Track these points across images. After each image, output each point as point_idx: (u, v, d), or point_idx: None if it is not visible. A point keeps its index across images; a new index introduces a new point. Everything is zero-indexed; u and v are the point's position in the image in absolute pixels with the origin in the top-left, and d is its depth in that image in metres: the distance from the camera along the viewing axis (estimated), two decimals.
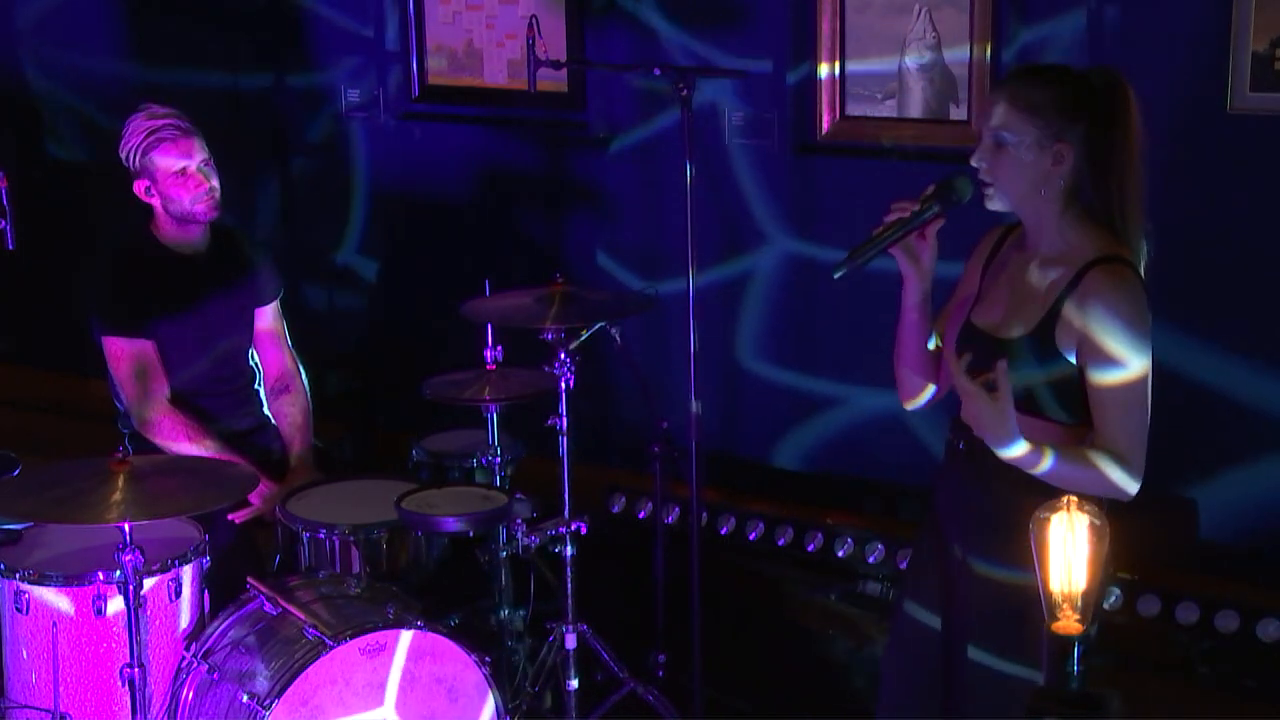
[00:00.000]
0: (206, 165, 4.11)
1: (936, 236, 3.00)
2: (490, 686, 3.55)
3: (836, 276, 2.93)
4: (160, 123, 4.10)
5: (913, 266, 2.99)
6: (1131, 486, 2.90)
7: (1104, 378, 2.83)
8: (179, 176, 4.08)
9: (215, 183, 4.13)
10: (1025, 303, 2.92)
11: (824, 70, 4.70)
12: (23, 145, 6.33)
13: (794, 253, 4.92)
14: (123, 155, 4.12)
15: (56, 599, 3.51)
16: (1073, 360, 2.86)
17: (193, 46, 6.00)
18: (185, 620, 3.62)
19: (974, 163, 2.92)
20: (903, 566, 4.64)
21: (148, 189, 4.12)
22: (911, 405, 3.20)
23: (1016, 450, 2.79)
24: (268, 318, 4.39)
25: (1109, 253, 2.86)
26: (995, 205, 2.93)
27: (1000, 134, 2.87)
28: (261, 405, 4.41)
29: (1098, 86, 2.87)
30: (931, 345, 3.13)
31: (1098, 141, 2.86)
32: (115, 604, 3.45)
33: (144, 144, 4.08)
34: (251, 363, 4.39)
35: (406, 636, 3.45)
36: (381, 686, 3.44)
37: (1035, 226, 2.95)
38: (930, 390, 3.18)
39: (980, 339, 2.97)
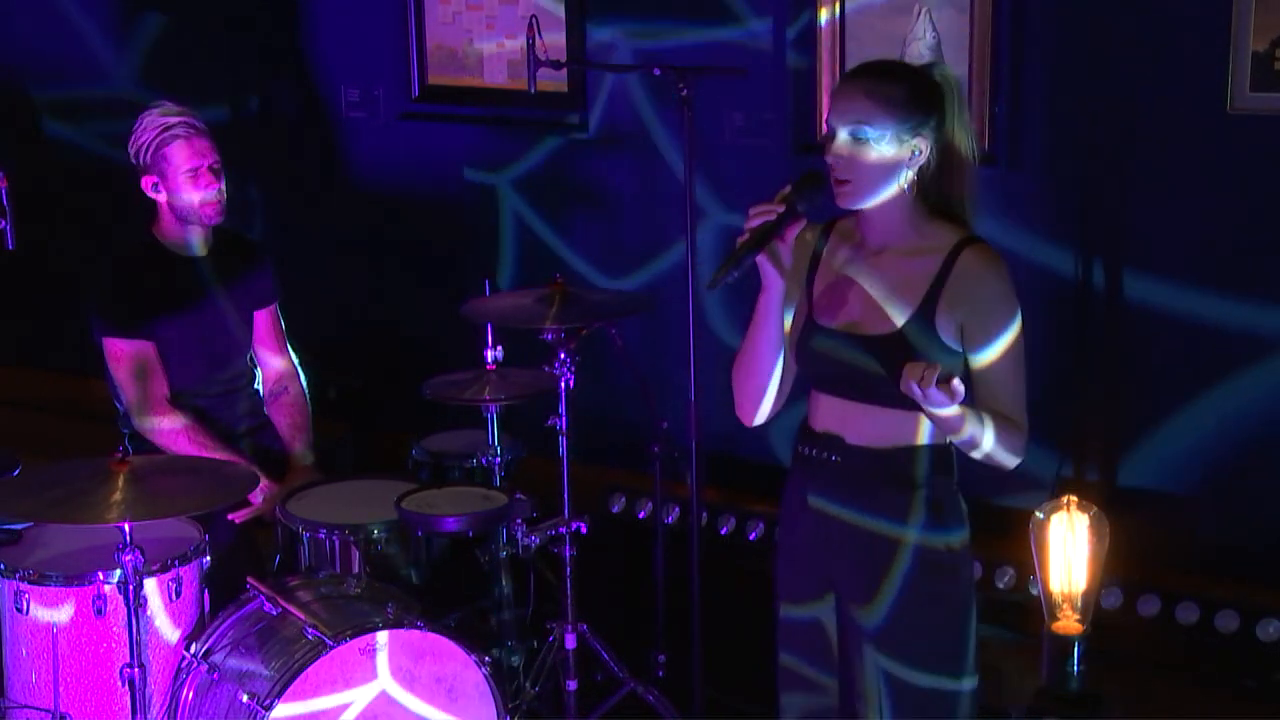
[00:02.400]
0: (216, 168, 4.11)
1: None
2: (490, 686, 3.55)
3: (710, 289, 2.88)
4: (175, 120, 4.10)
5: (776, 271, 2.87)
6: (1020, 455, 2.88)
7: (994, 353, 2.82)
8: (190, 175, 4.08)
9: (223, 186, 4.13)
10: (890, 298, 2.87)
11: (824, 70, 4.70)
12: (23, 145, 6.33)
13: None
14: (132, 151, 4.12)
15: (56, 599, 3.51)
16: (951, 346, 2.84)
17: (193, 46, 6.00)
18: (185, 620, 3.62)
19: (828, 159, 2.85)
20: None
21: (155, 185, 4.11)
22: (758, 420, 3.05)
23: (966, 429, 2.76)
24: (267, 320, 4.38)
25: (970, 235, 2.87)
26: (850, 203, 2.86)
27: (859, 129, 2.81)
28: (261, 405, 4.41)
29: (940, 83, 2.87)
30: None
31: (944, 136, 2.86)
32: (115, 604, 3.45)
33: (157, 140, 4.07)
34: (251, 363, 4.39)
35: (406, 636, 3.45)
36: (381, 686, 3.44)
37: (886, 222, 2.89)
38: (772, 405, 3.04)
39: (842, 340, 2.89)
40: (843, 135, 2.83)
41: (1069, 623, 3.32)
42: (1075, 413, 4.59)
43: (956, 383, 2.63)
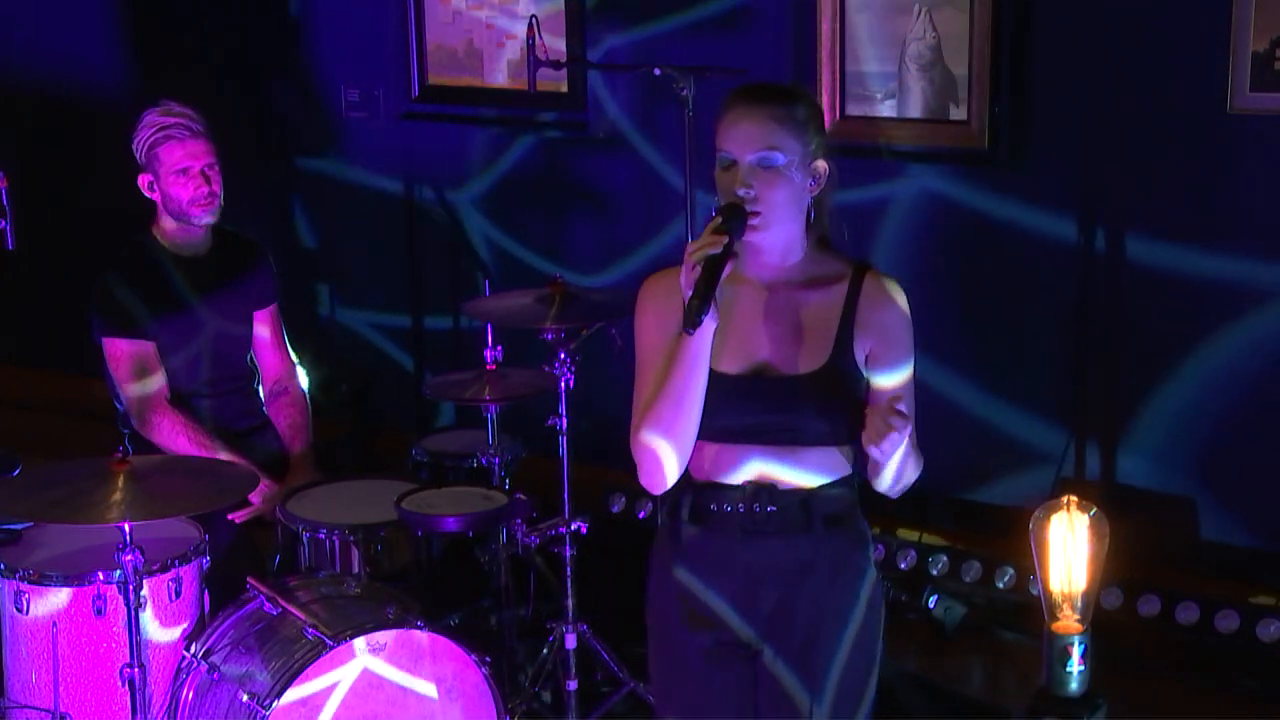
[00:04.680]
0: (211, 169, 4.11)
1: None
2: (490, 686, 3.54)
3: (690, 332, 2.58)
4: (172, 120, 4.10)
5: (715, 309, 2.62)
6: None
7: (902, 375, 2.72)
8: (181, 175, 4.08)
9: (217, 188, 4.13)
10: (802, 334, 2.71)
11: (824, 70, 4.70)
12: (24, 145, 6.33)
13: None
14: (133, 148, 4.14)
15: (56, 599, 3.50)
16: (863, 373, 2.72)
17: (193, 46, 6.00)
18: (185, 620, 3.62)
19: (739, 191, 2.63)
20: (903, 567, 4.65)
21: (150, 184, 4.12)
22: (667, 485, 2.74)
23: (899, 458, 2.64)
24: (267, 321, 4.38)
25: (860, 262, 2.76)
26: (763, 235, 2.66)
27: (771, 155, 2.63)
28: (261, 405, 4.41)
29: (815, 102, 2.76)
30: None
31: (824, 156, 2.72)
32: (115, 604, 3.45)
33: (152, 139, 4.09)
34: (250, 363, 4.39)
35: (406, 636, 3.45)
36: (381, 686, 3.44)
37: (784, 250, 2.72)
38: (680, 466, 2.74)
39: (752, 386, 2.71)
40: (749, 162, 2.64)
41: (1069, 623, 3.33)
42: (1075, 413, 4.59)
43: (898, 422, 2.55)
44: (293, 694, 3.32)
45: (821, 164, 2.69)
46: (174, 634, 3.59)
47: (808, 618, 2.78)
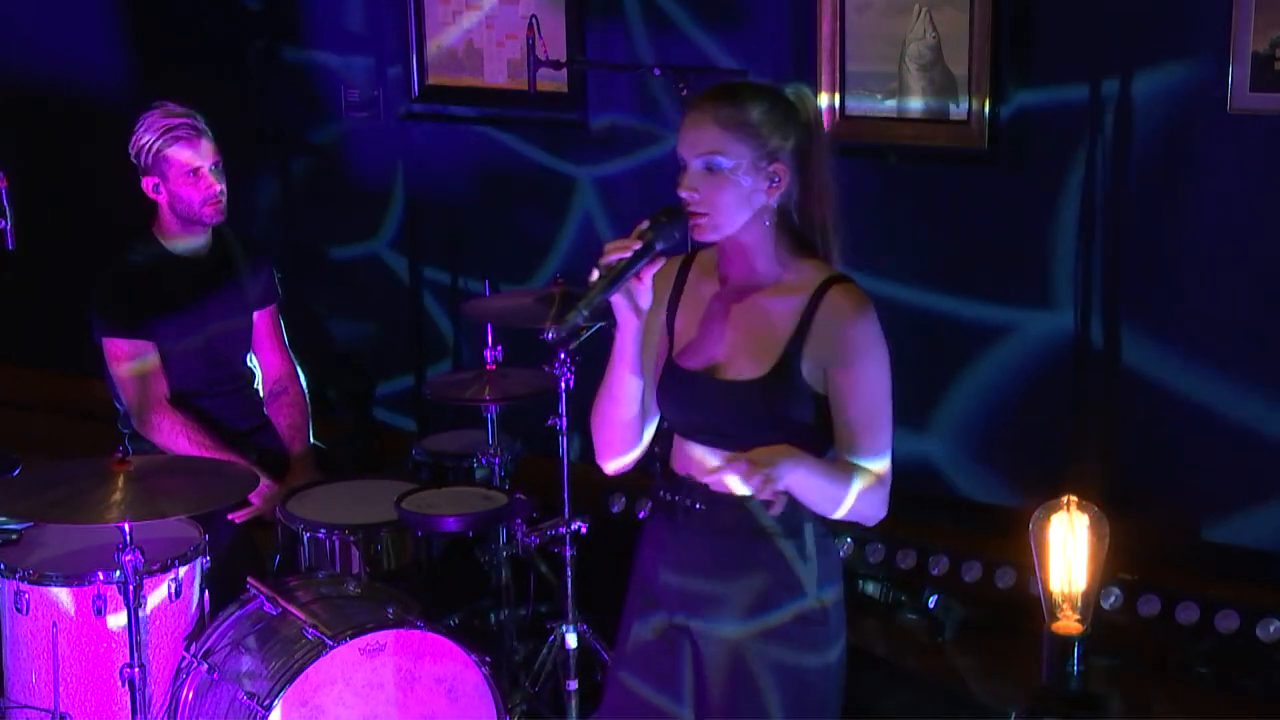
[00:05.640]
0: (217, 168, 4.11)
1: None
2: (490, 686, 3.54)
3: (552, 339, 2.61)
4: (176, 121, 4.10)
5: (631, 312, 2.64)
6: (883, 510, 2.69)
7: (858, 401, 2.64)
8: (191, 176, 4.08)
9: (224, 187, 4.13)
10: (754, 340, 2.70)
11: (824, 70, 4.70)
12: (24, 145, 6.33)
13: None
14: (133, 151, 4.12)
15: (56, 599, 3.50)
16: (815, 391, 2.66)
17: (193, 46, 6.00)
18: (185, 620, 3.62)
19: (682, 193, 2.65)
20: (903, 567, 4.65)
21: (156, 186, 4.11)
22: (616, 467, 2.82)
23: (815, 497, 2.60)
24: (266, 321, 4.38)
25: (836, 274, 2.69)
26: (710, 237, 2.66)
27: (714, 159, 2.62)
28: (261, 405, 4.41)
29: (796, 103, 2.68)
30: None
31: (803, 161, 2.67)
32: (115, 604, 3.45)
33: (158, 141, 4.07)
34: (250, 363, 4.39)
35: (406, 636, 3.45)
36: (381, 686, 3.44)
37: (748, 256, 2.71)
38: (635, 452, 2.81)
39: (703, 384, 2.72)
40: (696, 166, 2.64)
41: (1069, 623, 3.33)
42: (1075, 413, 4.59)
43: (780, 499, 2.51)
44: (292, 694, 3.33)
45: (779, 167, 2.65)
46: (174, 634, 3.59)
47: (728, 622, 2.76)
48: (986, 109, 4.47)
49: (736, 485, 2.63)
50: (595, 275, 2.61)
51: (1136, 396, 4.49)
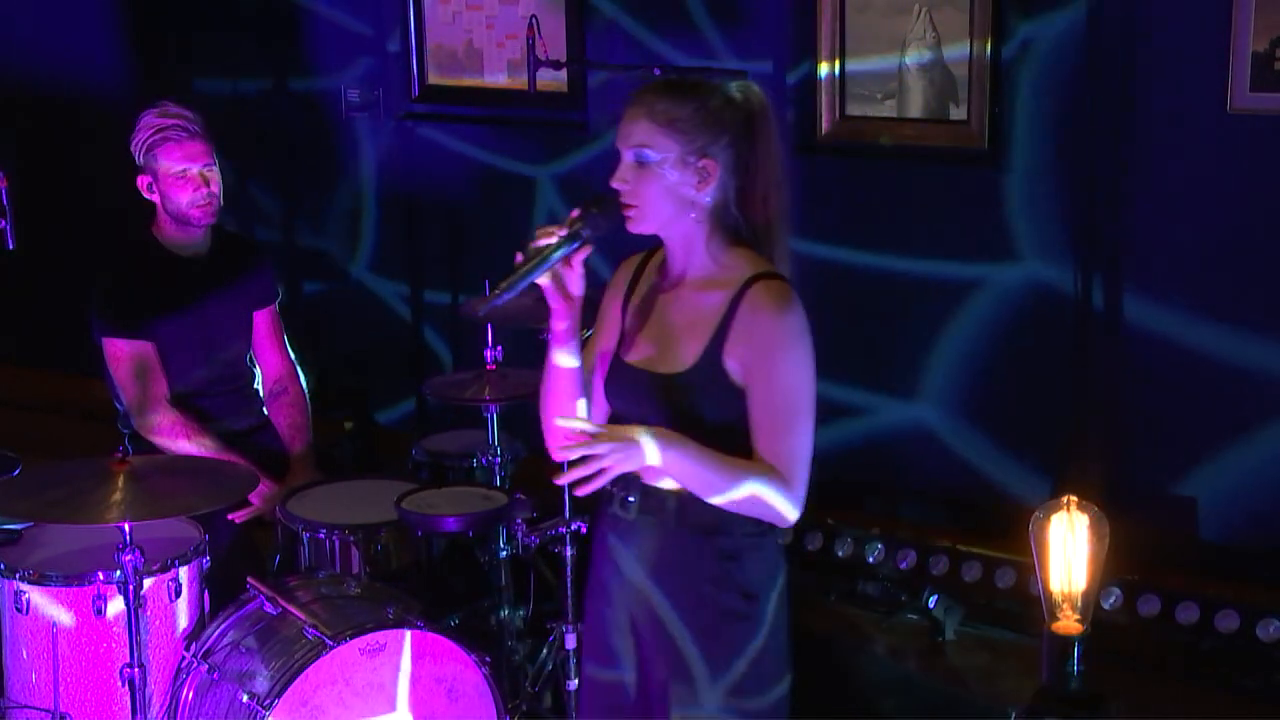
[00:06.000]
0: (209, 170, 4.11)
1: (584, 265, 2.74)
2: (490, 686, 3.55)
3: (481, 314, 2.75)
4: (170, 121, 4.10)
5: (561, 299, 2.72)
6: (791, 512, 2.70)
7: (769, 399, 2.67)
8: (179, 178, 4.08)
9: (216, 189, 4.13)
10: (683, 333, 2.74)
11: (824, 70, 4.71)
12: (24, 145, 6.33)
13: (794, 253, 4.91)
14: (131, 149, 4.14)
15: (56, 599, 3.51)
16: (741, 385, 2.69)
17: (193, 47, 6.00)
18: (185, 620, 3.62)
19: (614, 184, 2.71)
20: (903, 567, 4.65)
21: (149, 185, 4.12)
22: (564, 455, 2.85)
23: (676, 456, 2.63)
24: (266, 321, 4.39)
25: (766, 270, 2.72)
26: (639, 228, 2.72)
27: (642, 152, 2.68)
28: (261, 405, 4.41)
29: (739, 100, 2.72)
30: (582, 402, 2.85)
31: (740, 157, 2.70)
32: (115, 604, 3.45)
33: (150, 140, 4.09)
34: (250, 363, 4.39)
35: (406, 636, 3.45)
36: (381, 687, 3.44)
37: (682, 250, 2.76)
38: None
39: (639, 377, 2.77)
40: (627, 159, 2.71)
41: (1069, 623, 3.32)
42: (1075, 412, 4.59)
43: (599, 480, 2.55)
44: (292, 694, 3.33)
45: (709, 164, 2.68)
46: (174, 634, 3.59)
47: (660, 611, 2.82)
48: (986, 109, 4.47)
49: (668, 480, 2.71)
50: (519, 258, 2.67)
51: (1138, 396, 4.49)
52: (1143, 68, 4.31)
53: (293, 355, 4.46)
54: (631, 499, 2.80)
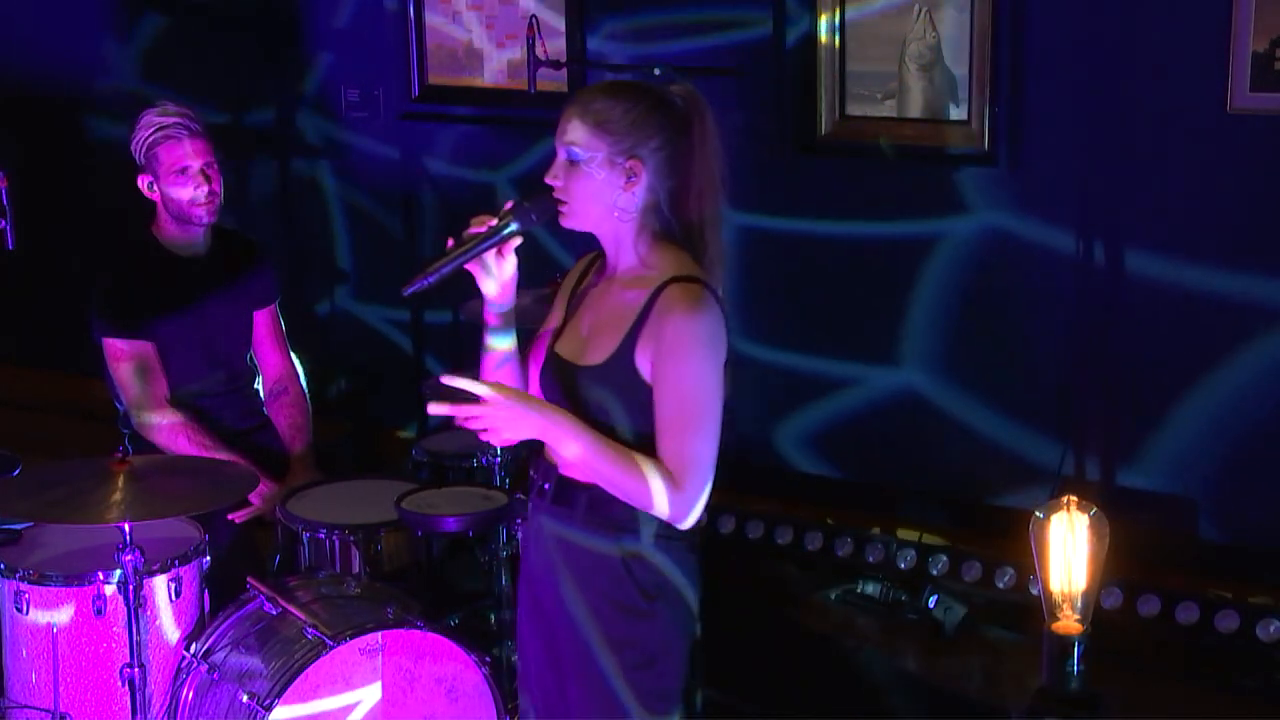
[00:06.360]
0: (210, 169, 4.11)
1: (516, 254, 2.84)
2: (490, 686, 3.54)
3: (407, 294, 2.79)
4: (171, 120, 4.10)
5: (492, 284, 2.84)
6: (679, 510, 2.72)
7: (668, 397, 2.71)
8: (180, 176, 4.08)
9: (216, 187, 4.13)
10: (604, 328, 2.81)
11: (824, 70, 4.70)
12: (24, 145, 6.33)
13: (794, 253, 4.92)
14: (132, 149, 4.14)
15: (56, 599, 3.51)
16: (649, 384, 2.74)
17: (194, 46, 6.00)
18: (185, 620, 3.62)
19: (547, 180, 2.80)
20: (903, 567, 4.65)
21: (150, 184, 4.12)
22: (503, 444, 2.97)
23: (568, 438, 2.70)
24: (266, 320, 4.38)
25: (686, 272, 2.77)
26: (571, 224, 2.81)
27: (572, 150, 2.76)
28: (261, 405, 4.41)
29: (673, 103, 2.78)
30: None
31: (673, 160, 2.77)
32: (115, 604, 3.45)
33: (151, 139, 4.09)
34: (250, 363, 4.39)
35: (406, 636, 3.45)
36: (381, 687, 3.44)
37: (613, 248, 2.84)
38: None
39: (562, 369, 2.84)
40: (560, 156, 2.80)
41: (1069, 623, 3.32)
42: (1075, 413, 4.59)
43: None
44: (292, 694, 3.33)
45: (635, 164, 2.75)
46: (174, 634, 3.59)
47: (564, 598, 2.88)
48: (986, 109, 4.47)
49: (581, 471, 2.77)
50: (450, 244, 2.79)
51: (1138, 396, 4.49)
52: (1143, 68, 4.32)
53: (293, 355, 4.46)
54: (548, 487, 2.87)
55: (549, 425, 2.71)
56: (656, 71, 4.09)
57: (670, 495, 2.70)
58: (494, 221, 2.79)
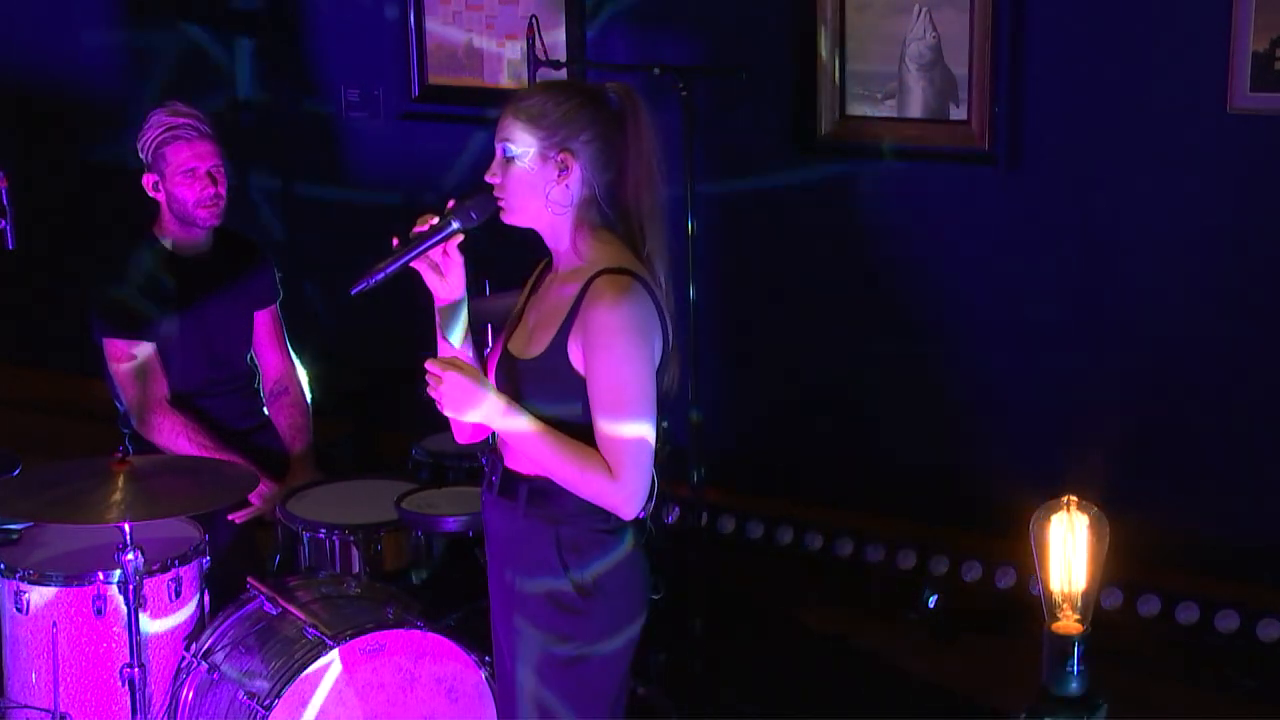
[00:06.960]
0: (216, 171, 4.12)
1: (460, 251, 2.91)
2: (490, 686, 3.54)
3: (354, 293, 2.85)
4: (180, 120, 4.11)
5: (438, 282, 2.92)
6: (617, 499, 2.77)
7: (597, 387, 2.75)
8: (187, 176, 4.08)
9: (222, 190, 4.13)
10: (544, 322, 2.86)
11: (824, 70, 4.70)
12: (24, 145, 6.33)
13: (794, 253, 4.92)
14: (139, 148, 4.14)
15: (56, 599, 3.51)
16: (582, 376, 2.79)
17: (193, 46, 6.00)
18: (185, 620, 3.62)
19: (487, 178, 2.87)
20: (903, 567, 4.65)
21: (155, 184, 4.12)
22: (462, 438, 3.01)
23: (514, 424, 2.77)
24: (267, 320, 4.39)
25: (619, 264, 2.80)
26: (511, 220, 2.88)
27: (506, 146, 2.83)
28: (261, 405, 4.41)
29: (607, 99, 2.85)
30: None
31: (606, 153, 2.82)
32: (115, 604, 3.45)
33: (159, 139, 4.09)
34: (251, 363, 4.39)
35: (406, 636, 3.45)
36: (381, 686, 3.44)
37: (554, 243, 2.90)
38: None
39: (508, 362, 2.91)
40: (498, 153, 2.86)
41: (1069, 623, 3.32)
42: (1076, 413, 4.59)
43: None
44: (292, 694, 3.33)
45: (567, 157, 2.80)
46: (174, 634, 3.59)
47: (507, 593, 2.92)
48: (987, 109, 4.47)
49: (525, 464, 2.84)
50: (396, 243, 2.85)
51: (1139, 395, 4.49)
52: (1143, 68, 4.32)
53: (293, 355, 4.46)
54: (495, 479, 2.92)
55: (497, 409, 2.76)
56: (656, 71, 4.09)
57: (608, 485, 2.75)
58: (434, 220, 2.85)
